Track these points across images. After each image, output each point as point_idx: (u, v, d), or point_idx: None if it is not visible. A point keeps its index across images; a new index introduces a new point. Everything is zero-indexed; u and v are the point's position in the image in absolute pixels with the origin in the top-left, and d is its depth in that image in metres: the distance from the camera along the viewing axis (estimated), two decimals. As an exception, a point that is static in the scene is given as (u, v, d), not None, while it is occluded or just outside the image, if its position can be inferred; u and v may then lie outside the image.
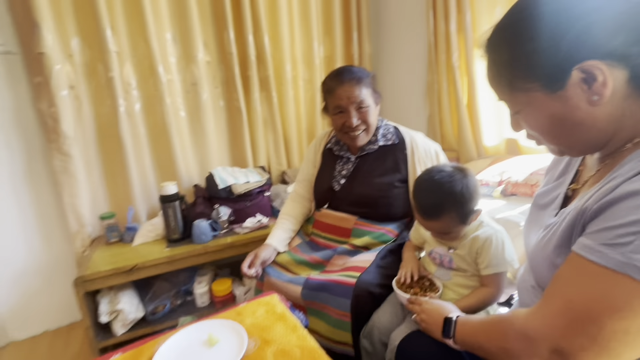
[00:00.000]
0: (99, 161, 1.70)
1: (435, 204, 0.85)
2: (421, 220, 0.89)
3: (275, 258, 1.20)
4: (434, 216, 0.86)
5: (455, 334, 0.68)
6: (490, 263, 0.85)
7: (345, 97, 1.13)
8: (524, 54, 0.50)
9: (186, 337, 0.76)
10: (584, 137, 0.52)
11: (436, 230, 0.91)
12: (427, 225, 0.91)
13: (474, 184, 0.86)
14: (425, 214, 0.87)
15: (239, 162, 1.99)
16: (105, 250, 1.57)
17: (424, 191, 0.87)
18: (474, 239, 0.87)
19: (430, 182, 0.86)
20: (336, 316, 0.99)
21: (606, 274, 0.44)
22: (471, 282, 0.90)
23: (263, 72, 1.97)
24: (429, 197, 0.86)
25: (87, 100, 1.63)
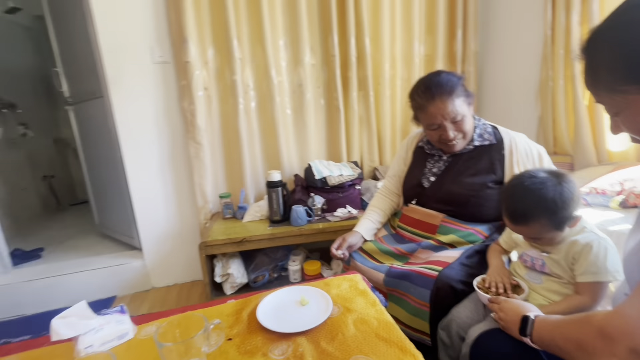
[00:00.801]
0: (222, 150, 2.04)
1: (522, 211, 0.83)
2: (510, 225, 0.88)
3: (361, 245, 1.30)
4: (521, 222, 0.84)
5: (532, 332, 0.68)
6: (587, 270, 0.79)
7: (439, 115, 1.12)
8: (624, 56, 0.49)
9: (282, 296, 0.91)
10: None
11: (526, 235, 0.89)
12: (516, 230, 0.89)
13: (571, 190, 0.81)
14: (512, 220, 0.86)
15: (334, 156, 2.14)
16: (221, 223, 1.89)
17: (511, 197, 0.86)
18: (571, 244, 0.83)
19: (519, 188, 0.85)
20: (415, 305, 1.04)
21: None
22: (565, 289, 0.85)
23: (362, 73, 2.08)
24: (516, 202, 0.84)
25: (216, 100, 1.98)
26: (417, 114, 1.22)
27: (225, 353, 0.73)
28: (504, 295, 0.89)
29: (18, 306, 1.98)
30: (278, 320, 0.80)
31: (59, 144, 3.85)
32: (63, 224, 3.14)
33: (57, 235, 2.80)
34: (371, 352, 0.70)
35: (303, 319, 0.81)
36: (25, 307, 1.99)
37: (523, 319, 0.72)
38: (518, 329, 0.72)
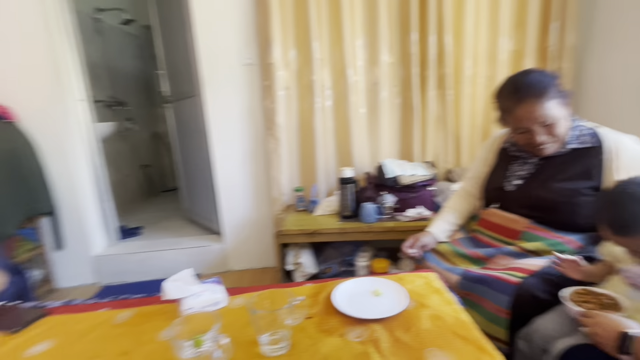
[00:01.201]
0: (298, 146, 2.15)
1: (626, 220, 0.75)
2: (609, 236, 0.81)
3: (434, 246, 1.29)
4: (625, 233, 0.77)
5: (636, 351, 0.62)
6: None
7: (527, 119, 1.05)
8: None
9: (357, 285, 0.95)
10: None
11: (630, 248, 0.80)
12: (617, 241, 0.81)
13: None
14: (613, 230, 0.79)
15: (407, 155, 2.12)
16: (294, 215, 1.99)
17: (613, 204, 0.79)
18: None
19: (623, 195, 0.77)
20: (492, 310, 1.00)
21: None
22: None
23: (441, 71, 2.02)
24: (619, 211, 0.77)
25: (295, 99, 2.09)
26: (503, 117, 1.15)
27: (305, 329, 0.79)
28: (598, 310, 0.82)
29: (123, 274, 2.32)
30: (353, 306, 0.84)
31: (155, 137, 4.39)
32: (156, 208, 3.58)
33: (152, 217, 3.21)
34: (447, 346, 0.70)
35: (377, 308, 0.84)
36: (128, 275, 2.33)
37: (622, 335, 0.66)
38: (616, 346, 0.66)
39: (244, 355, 0.72)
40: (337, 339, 0.75)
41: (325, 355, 0.70)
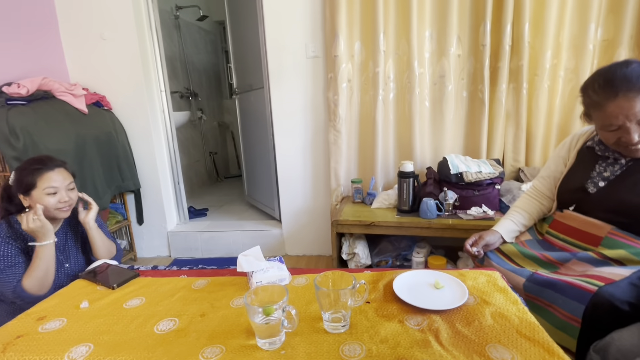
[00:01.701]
0: (357, 138, 2.17)
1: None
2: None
3: (499, 246, 1.23)
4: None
5: None
6: None
7: (621, 115, 0.94)
8: None
9: (417, 276, 0.96)
10: None
11: None
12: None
13: None
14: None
15: (472, 152, 2.03)
16: (351, 206, 2.03)
17: None
18: None
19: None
20: (563, 318, 0.94)
21: None
22: None
23: (516, 63, 1.90)
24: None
25: (357, 91, 2.11)
26: (590, 112, 1.05)
27: (365, 312, 0.82)
28: None
29: (191, 249, 2.55)
30: (413, 296, 0.85)
31: (221, 127, 4.69)
32: (221, 192, 3.85)
33: (216, 200, 3.46)
34: (511, 344, 0.69)
35: (437, 300, 0.84)
36: (195, 251, 2.56)
37: None
38: None
39: (308, 328, 0.77)
40: (396, 325, 0.77)
41: (384, 338, 0.73)
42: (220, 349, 0.72)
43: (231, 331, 0.78)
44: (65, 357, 0.72)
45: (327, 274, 0.81)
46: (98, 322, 0.85)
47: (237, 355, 0.70)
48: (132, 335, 0.79)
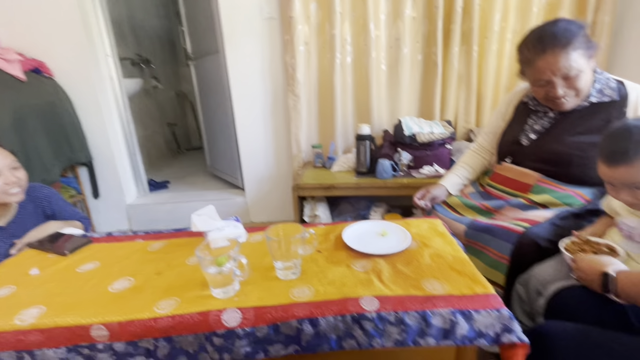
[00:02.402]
0: (317, 103, 2.17)
1: (625, 147, 0.74)
2: (605, 171, 0.79)
3: (445, 199, 1.33)
4: (623, 161, 0.75)
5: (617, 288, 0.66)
6: None
7: (548, 70, 1.02)
8: None
9: (365, 226, 1.02)
10: None
11: (625, 180, 0.77)
12: (613, 174, 0.78)
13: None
14: (612, 159, 0.77)
15: (426, 114, 2.10)
16: (312, 171, 2.06)
17: (613, 135, 0.78)
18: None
19: (623, 128, 0.76)
20: (494, 257, 1.06)
21: None
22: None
23: (467, 25, 1.94)
24: (619, 140, 0.76)
25: (315, 54, 2.08)
26: (524, 69, 1.13)
27: (316, 260, 0.88)
28: None
29: (154, 222, 2.51)
30: (360, 243, 0.92)
31: (179, 96, 4.48)
32: (182, 165, 3.75)
33: (178, 172, 3.38)
34: (443, 278, 0.77)
35: (382, 246, 0.91)
36: (158, 222, 2.52)
37: (603, 275, 0.70)
38: (600, 285, 0.71)
39: (262, 277, 0.82)
40: (343, 269, 0.83)
41: (331, 280, 0.79)
42: (175, 300, 0.75)
43: (187, 285, 0.81)
44: (14, 320, 0.72)
45: (278, 226, 0.85)
46: (50, 287, 0.84)
47: (192, 305, 0.73)
48: (85, 296, 0.79)
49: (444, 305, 0.69)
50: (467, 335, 0.67)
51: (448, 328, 0.67)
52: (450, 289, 0.74)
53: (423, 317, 0.68)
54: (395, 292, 0.73)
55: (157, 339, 0.69)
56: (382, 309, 0.69)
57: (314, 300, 0.72)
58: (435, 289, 0.74)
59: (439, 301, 0.70)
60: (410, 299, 0.71)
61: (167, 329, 0.69)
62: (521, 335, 0.66)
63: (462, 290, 0.73)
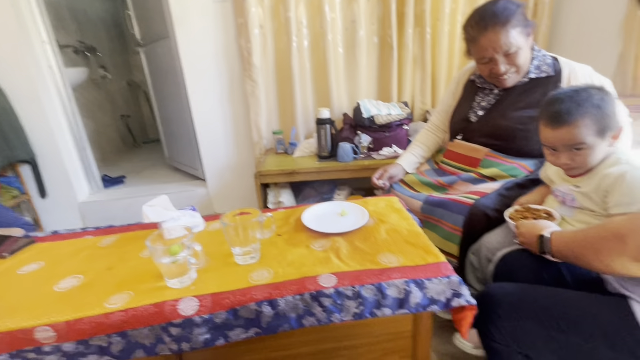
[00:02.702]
0: (275, 88, 2.14)
1: (568, 108, 0.80)
2: (549, 134, 0.84)
3: (402, 177, 1.37)
4: (565, 121, 0.80)
5: (552, 249, 0.72)
6: (620, 201, 0.77)
7: (490, 47, 1.07)
8: None
9: (325, 207, 1.03)
10: None
11: (566, 141, 0.82)
12: (556, 136, 0.83)
13: (613, 101, 0.80)
14: (555, 120, 0.81)
15: (384, 96, 2.14)
16: (274, 157, 2.04)
17: (554, 100, 0.83)
18: (604, 176, 0.80)
19: (562, 93, 0.83)
20: (448, 229, 1.11)
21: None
22: (596, 220, 0.86)
23: (420, 7, 1.98)
24: (561, 103, 0.81)
25: (270, 38, 2.04)
26: (469, 47, 1.18)
27: (275, 243, 0.88)
28: None
29: (110, 219, 2.38)
30: (320, 224, 0.93)
31: (132, 86, 4.23)
32: (139, 158, 3.57)
33: (134, 167, 3.21)
34: (398, 251, 0.80)
35: (341, 224, 0.92)
36: (114, 220, 2.38)
37: (540, 238, 0.76)
38: (537, 248, 0.77)
39: (220, 264, 0.81)
40: (302, 249, 0.84)
41: (290, 262, 0.79)
42: (128, 294, 0.72)
43: (141, 278, 0.78)
44: (-54, 329, 0.66)
45: (234, 212, 0.83)
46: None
47: (146, 297, 0.71)
48: (28, 298, 0.74)
49: (399, 276, 0.71)
50: (421, 303, 0.70)
51: (402, 297, 0.70)
52: (404, 260, 0.76)
53: (379, 289, 0.70)
54: (352, 267, 0.75)
55: (109, 335, 0.66)
56: (339, 285, 0.70)
57: (273, 282, 0.73)
58: (390, 262, 0.76)
59: (394, 273, 0.72)
60: (367, 272, 0.73)
61: (120, 324, 0.66)
62: (469, 299, 0.70)
63: (415, 261, 0.76)
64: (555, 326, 0.65)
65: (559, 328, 0.64)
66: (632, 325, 0.58)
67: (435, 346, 1.15)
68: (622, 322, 0.59)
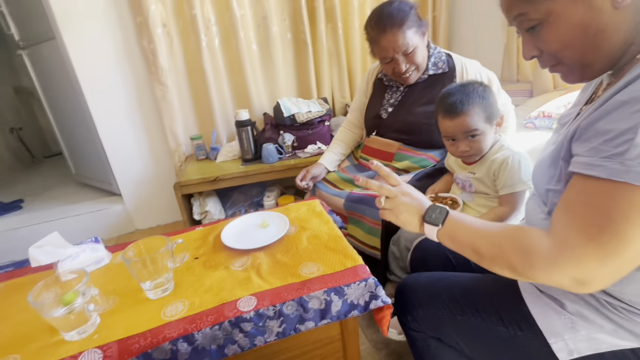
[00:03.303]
0: (189, 91, 2.01)
1: (460, 100, 0.90)
2: (447, 124, 0.93)
3: (325, 176, 1.38)
4: (460, 110, 0.90)
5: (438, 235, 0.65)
6: (506, 183, 0.89)
7: (391, 48, 1.12)
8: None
9: (246, 220, 1.00)
10: (606, 48, 0.50)
11: (462, 128, 0.92)
12: (454, 125, 0.92)
13: (493, 93, 0.95)
14: (451, 111, 0.91)
15: (304, 93, 2.13)
16: (195, 164, 1.93)
17: (447, 94, 0.94)
18: (492, 162, 0.93)
19: (453, 87, 0.94)
20: (370, 224, 1.15)
21: (612, 185, 0.45)
22: (492, 203, 0.96)
23: (329, 2, 2.00)
24: (453, 95, 0.92)
25: (177, 37, 1.89)
26: (371, 47, 1.23)
27: (192, 269, 0.82)
28: None
29: (9, 252, 2.06)
30: (240, 240, 0.89)
31: (20, 93, 3.66)
32: (40, 176, 3.13)
33: (35, 187, 2.81)
34: (318, 259, 0.80)
35: (263, 237, 0.90)
36: (16, 253, 2.07)
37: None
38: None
39: (129, 302, 0.73)
40: (222, 272, 0.80)
41: (208, 287, 0.75)
42: (13, 359, 0.62)
43: (30, 334, 0.67)
44: None
45: (138, 243, 0.76)
46: None
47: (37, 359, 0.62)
48: None
49: (319, 287, 0.72)
50: (342, 310, 0.72)
51: (324, 308, 0.71)
52: (324, 268, 0.77)
53: (300, 303, 0.69)
54: (273, 284, 0.74)
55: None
56: (259, 306, 0.68)
57: (189, 314, 0.68)
58: (311, 272, 0.76)
59: (314, 284, 0.73)
60: (288, 288, 0.72)
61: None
62: (385, 299, 0.73)
63: (335, 268, 0.77)
64: (459, 310, 0.71)
65: (462, 311, 0.70)
66: (518, 299, 0.65)
67: (370, 335, 1.21)
68: (510, 297, 0.67)
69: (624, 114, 0.45)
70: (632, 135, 0.43)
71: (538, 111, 1.40)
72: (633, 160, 0.43)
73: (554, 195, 0.58)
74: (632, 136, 0.43)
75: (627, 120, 0.44)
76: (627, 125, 0.44)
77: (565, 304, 0.59)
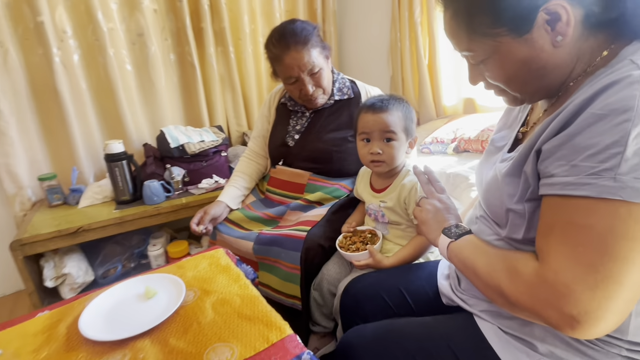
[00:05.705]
0: (35, 118, 1.55)
1: (387, 100, 0.91)
2: (369, 119, 0.90)
3: (227, 215, 1.18)
4: (385, 107, 0.89)
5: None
6: None
7: (296, 66, 1.06)
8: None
9: (121, 292, 0.72)
10: (546, 81, 0.52)
11: (382, 128, 0.89)
12: (376, 120, 0.89)
13: (413, 113, 0.95)
14: (375, 106, 0.90)
15: (194, 121, 1.89)
16: (47, 213, 1.47)
17: (374, 98, 0.93)
18: (401, 187, 0.90)
19: (378, 96, 0.95)
20: (287, 269, 0.99)
21: (604, 204, 0.41)
22: (408, 234, 0.92)
23: (218, 25, 1.84)
24: (381, 97, 0.93)
25: (14, 49, 1.46)
26: (274, 67, 1.13)
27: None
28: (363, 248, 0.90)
29: None
30: (111, 326, 0.63)
31: None
32: None
33: None
34: (231, 336, 0.60)
35: (146, 315, 0.65)
36: None
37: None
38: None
39: None
40: (80, 384, 0.53)
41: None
42: None
43: None
44: None
45: None
46: None
47: None
48: None
49: (236, 381, 0.52)
50: (270, 406, 0.53)
51: (246, 411, 0.51)
52: (241, 349, 0.57)
53: (210, 414, 0.48)
54: (167, 391, 0.51)
55: None
56: None
57: None
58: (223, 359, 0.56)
59: (229, 377, 0.52)
60: (190, 392, 0.50)
61: None
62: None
63: (255, 347, 0.58)
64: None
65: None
66: (481, 345, 0.58)
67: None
68: (470, 341, 0.59)
69: (605, 127, 0.42)
70: (621, 148, 0.40)
71: (432, 137, 1.49)
72: (626, 175, 0.40)
73: (514, 216, 0.54)
74: (621, 149, 0.40)
75: (610, 133, 0.41)
76: (613, 139, 0.41)
77: (536, 345, 0.54)
